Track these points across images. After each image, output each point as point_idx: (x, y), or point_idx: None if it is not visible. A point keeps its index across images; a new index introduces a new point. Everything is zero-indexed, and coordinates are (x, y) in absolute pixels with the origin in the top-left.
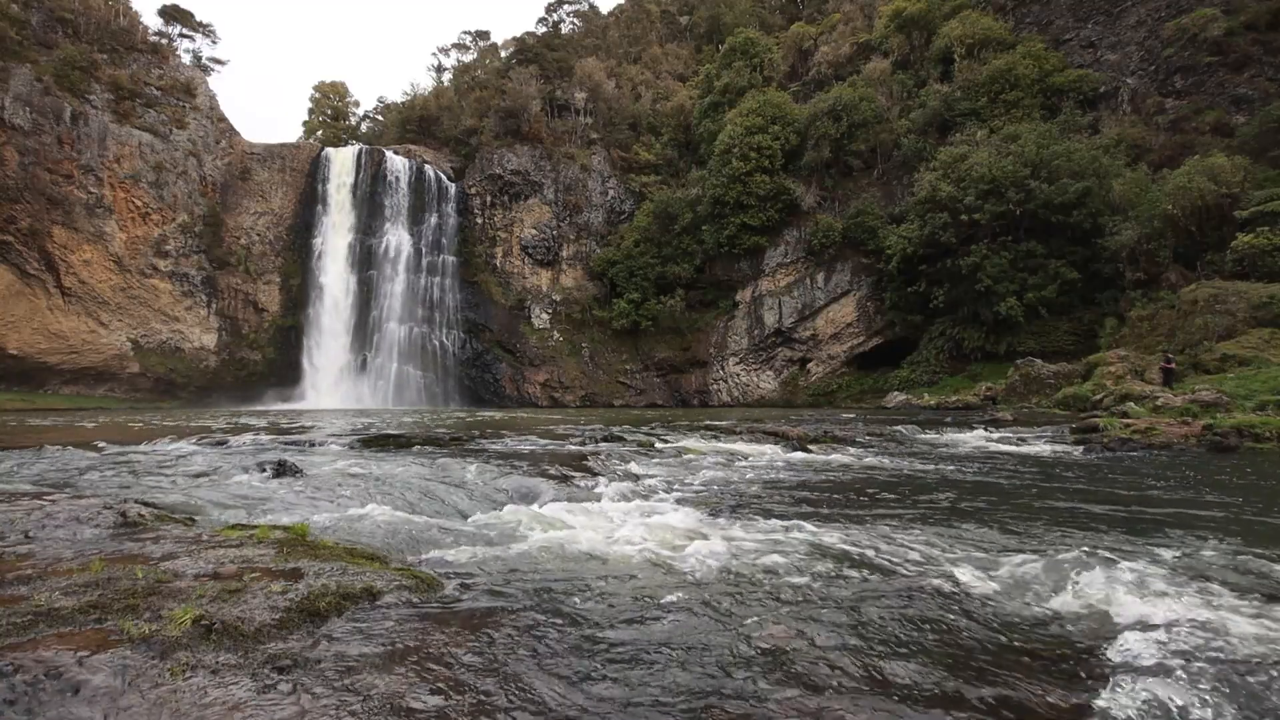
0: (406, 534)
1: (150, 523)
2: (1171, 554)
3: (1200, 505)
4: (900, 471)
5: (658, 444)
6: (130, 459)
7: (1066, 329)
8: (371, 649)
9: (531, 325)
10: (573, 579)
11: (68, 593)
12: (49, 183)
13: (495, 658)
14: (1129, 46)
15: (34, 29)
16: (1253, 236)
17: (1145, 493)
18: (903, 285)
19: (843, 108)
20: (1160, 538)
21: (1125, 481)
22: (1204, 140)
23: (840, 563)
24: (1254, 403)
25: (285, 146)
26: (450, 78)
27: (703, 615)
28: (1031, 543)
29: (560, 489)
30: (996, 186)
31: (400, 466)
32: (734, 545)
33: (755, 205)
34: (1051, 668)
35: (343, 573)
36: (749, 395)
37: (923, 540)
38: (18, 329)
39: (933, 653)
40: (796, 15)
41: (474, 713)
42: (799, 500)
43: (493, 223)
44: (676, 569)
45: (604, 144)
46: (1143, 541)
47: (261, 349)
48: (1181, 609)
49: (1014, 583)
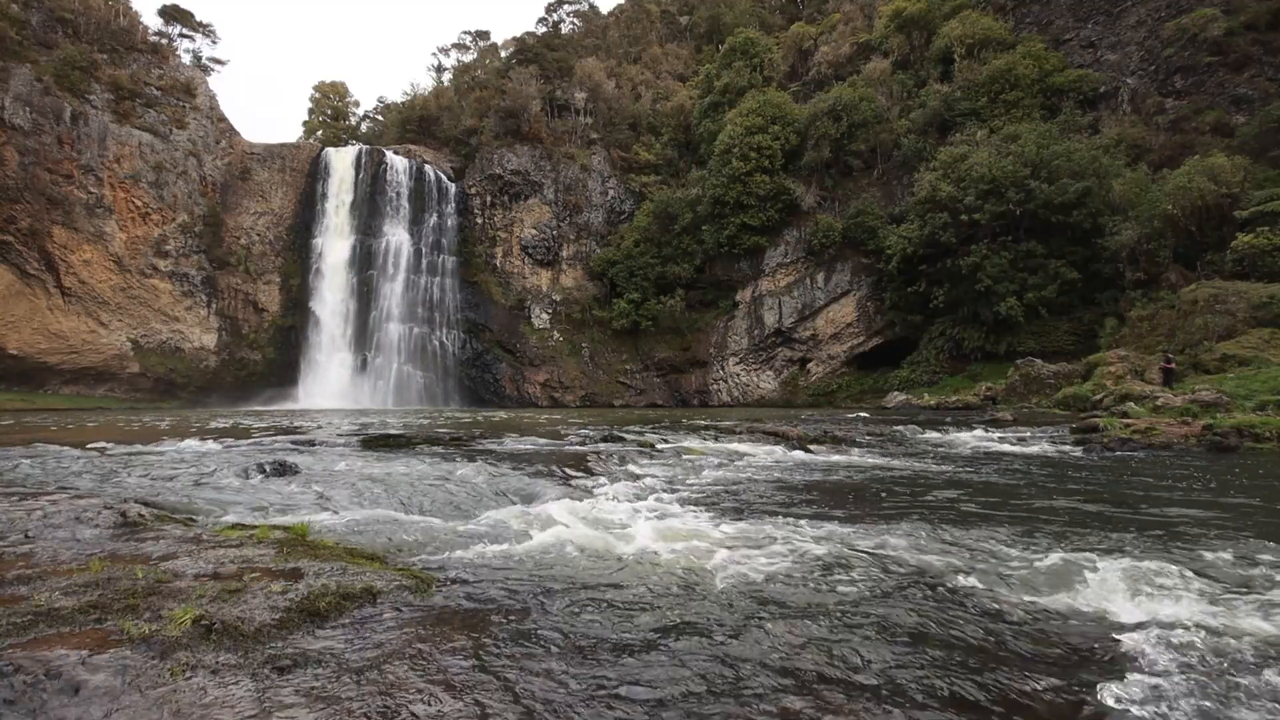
0: (406, 534)
1: (150, 523)
2: (1171, 554)
3: (1200, 505)
4: (900, 472)
5: (658, 444)
6: (130, 459)
7: (1066, 329)
8: (371, 649)
9: (531, 325)
10: (572, 579)
11: (68, 593)
12: (49, 183)
13: (495, 658)
14: (1129, 46)
15: (34, 29)
16: (1253, 236)
17: (1145, 493)
18: (903, 285)
19: (843, 108)
20: (1160, 537)
21: (1125, 481)
22: (1204, 140)
23: (840, 562)
24: (1254, 403)
25: (285, 146)
26: (450, 78)
27: (702, 615)
28: (1031, 542)
29: (560, 489)
30: (996, 186)
31: (400, 467)
32: (733, 545)
33: (755, 205)
34: (1052, 667)
35: (343, 573)
36: (749, 395)
37: (922, 540)
38: (18, 329)
39: (935, 652)
40: (796, 15)
41: (474, 712)
42: (799, 500)
43: (493, 223)
44: (676, 569)
45: (604, 144)
46: (1143, 541)
47: (261, 349)
48: (1182, 609)
49: (1014, 583)
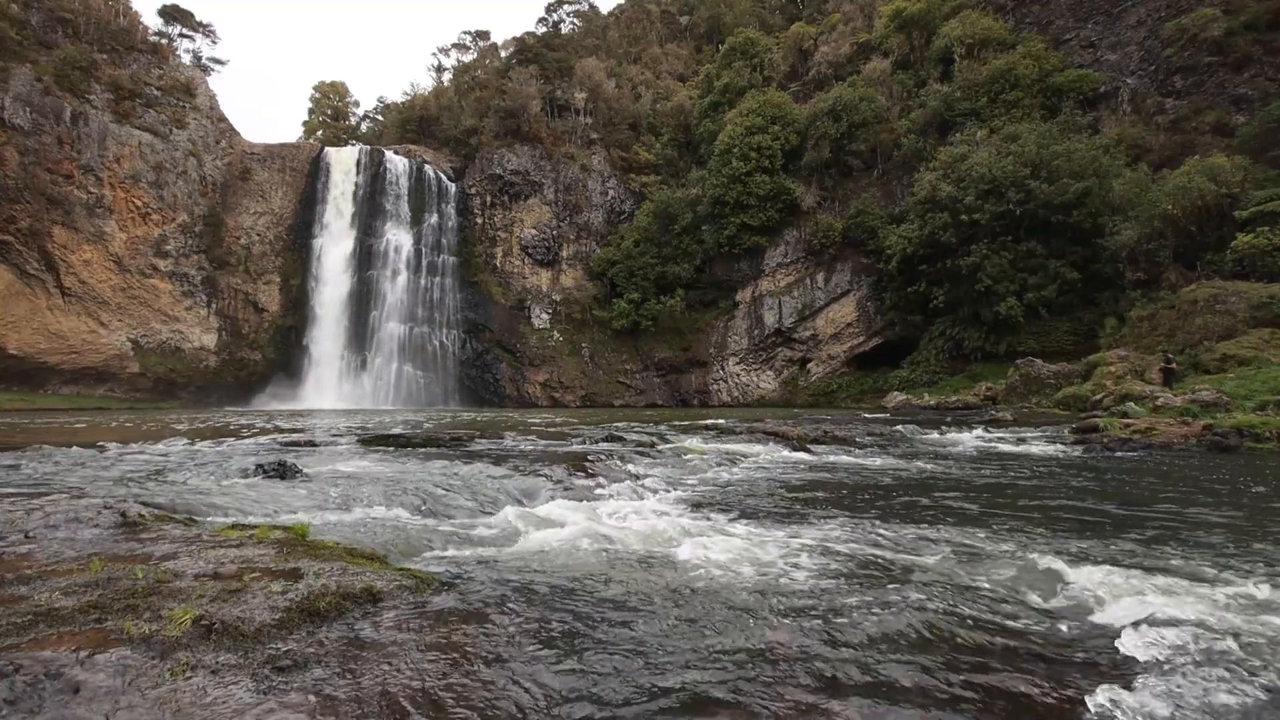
0: (407, 534)
1: (150, 523)
2: (1171, 554)
3: (1200, 505)
4: (900, 472)
5: (658, 444)
6: (130, 459)
7: (1066, 329)
8: (371, 649)
9: (531, 325)
10: (573, 579)
11: (68, 593)
12: (49, 183)
13: (495, 657)
14: (1129, 46)
15: (34, 29)
16: (1253, 236)
17: (1145, 493)
18: (903, 285)
19: (843, 108)
20: (1160, 538)
21: (1125, 481)
22: (1204, 140)
23: (839, 562)
24: (1254, 403)
25: (285, 146)
26: (450, 78)
27: (702, 616)
28: (1030, 542)
29: (560, 489)
30: (996, 186)
31: (400, 466)
32: (733, 545)
33: (755, 205)
34: (1050, 667)
35: (343, 573)
36: (749, 395)
37: (922, 540)
38: (18, 329)
39: (931, 652)
40: (796, 15)
41: (473, 712)
42: (799, 500)
43: (493, 223)
44: (676, 569)
45: (604, 144)
46: (1142, 541)
47: (261, 349)
48: (1181, 609)
49: (1012, 582)
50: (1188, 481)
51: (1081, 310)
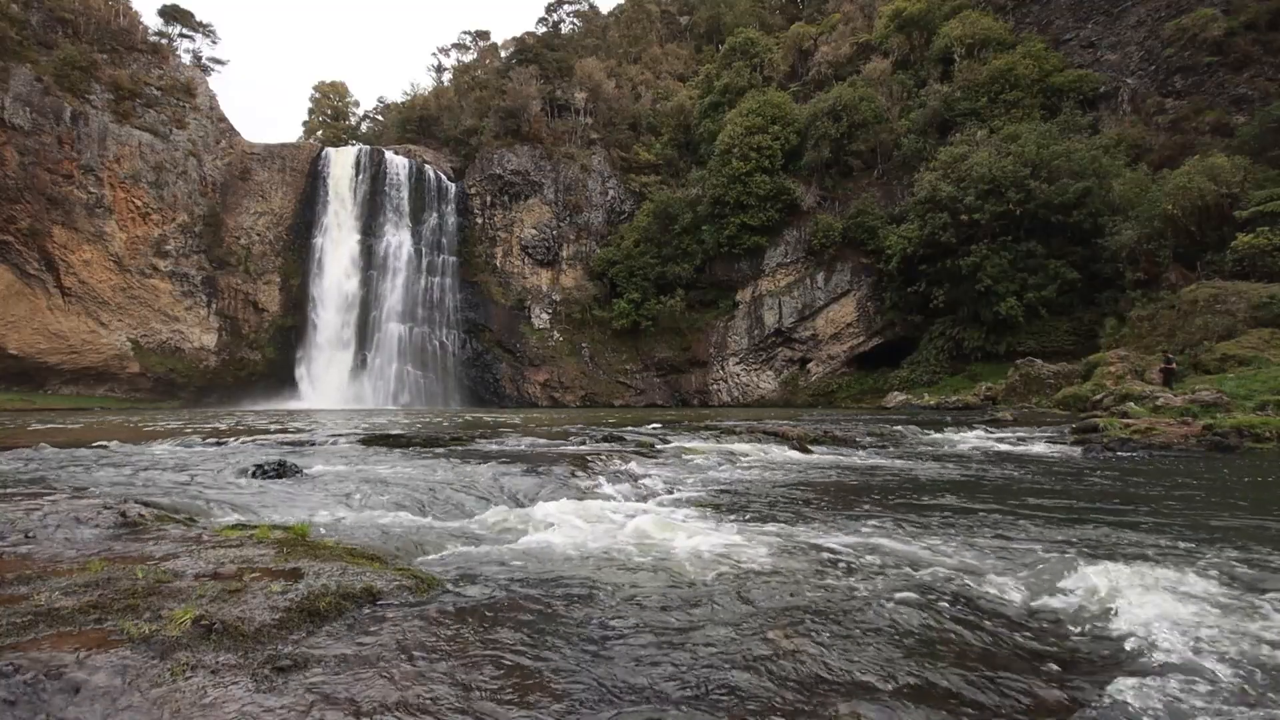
0: (406, 534)
1: (150, 523)
2: (1171, 554)
3: (1200, 505)
4: (900, 472)
5: (658, 444)
6: (130, 459)
7: (1066, 329)
8: (372, 649)
9: (531, 325)
10: (572, 579)
11: (68, 593)
12: (49, 183)
13: (495, 657)
14: (1129, 46)
15: (34, 29)
16: (1253, 236)
17: (1145, 493)
18: (903, 285)
19: (843, 108)
20: (1160, 538)
21: (1125, 482)
22: (1204, 140)
23: (840, 563)
24: (1254, 403)
25: (285, 146)
26: (450, 78)
27: (702, 616)
28: (1030, 543)
29: (560, 489)
30: (996, 186)
31: (400, 467)
32: (733, 545)
33: (755, 205)
34: (1052, 667)
35: (343, 573)
36: (749, 395)
37: (922, 541)
38: (18, 329)
39: (933, 652)
40: (796, 15)
41: (473, 712)
42: (799, 501)
43: (493, 223)
44: (676, 570)
45: (604, 144)
46: (1143, 541)
47: (261, 349)
48: (1182, 609)
49: (1013, 583)
50: (1188, 482)
51: (1081, 310)
